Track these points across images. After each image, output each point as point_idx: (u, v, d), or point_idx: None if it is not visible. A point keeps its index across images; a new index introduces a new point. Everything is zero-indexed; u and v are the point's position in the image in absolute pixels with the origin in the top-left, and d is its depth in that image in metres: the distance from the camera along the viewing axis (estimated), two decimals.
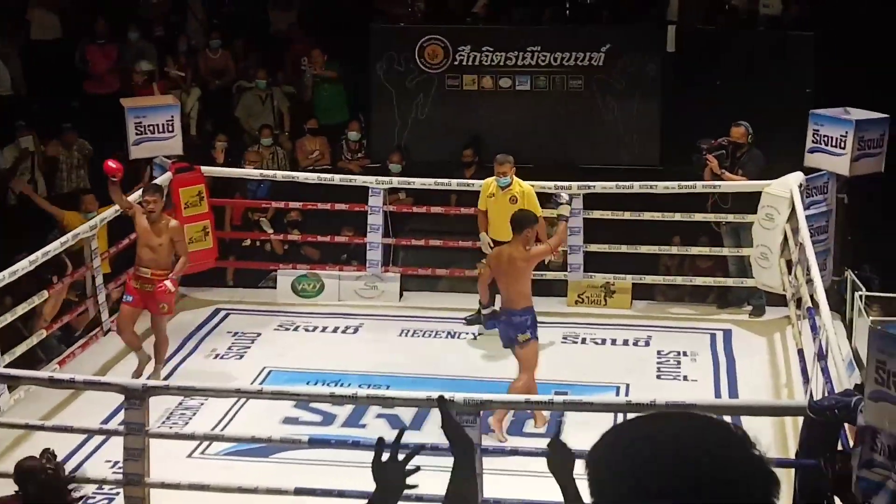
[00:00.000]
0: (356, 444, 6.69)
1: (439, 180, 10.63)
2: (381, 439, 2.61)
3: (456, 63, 12.89)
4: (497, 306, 8.40)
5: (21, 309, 8.75)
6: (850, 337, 9.36)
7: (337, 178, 10.92)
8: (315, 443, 6.82)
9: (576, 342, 9.88)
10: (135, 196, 9.56)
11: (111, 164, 8.85)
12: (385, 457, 2.57)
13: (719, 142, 10.43)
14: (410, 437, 7.60)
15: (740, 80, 12.41)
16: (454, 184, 10.78)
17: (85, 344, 9.60)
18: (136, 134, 10.79)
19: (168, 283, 8.76)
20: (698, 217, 10.53)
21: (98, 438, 7.60)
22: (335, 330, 10.16)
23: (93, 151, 12.28)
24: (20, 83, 13.49)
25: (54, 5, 14.00)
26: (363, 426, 8.14)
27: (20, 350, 8.64)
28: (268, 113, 13.46)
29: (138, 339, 9.02)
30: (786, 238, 9.79)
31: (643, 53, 12.76)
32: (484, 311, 8.64)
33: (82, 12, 14.05)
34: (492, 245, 9.27)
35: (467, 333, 10.02)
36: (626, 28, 13.15)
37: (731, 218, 10.39)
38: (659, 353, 9.59)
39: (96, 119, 12.55)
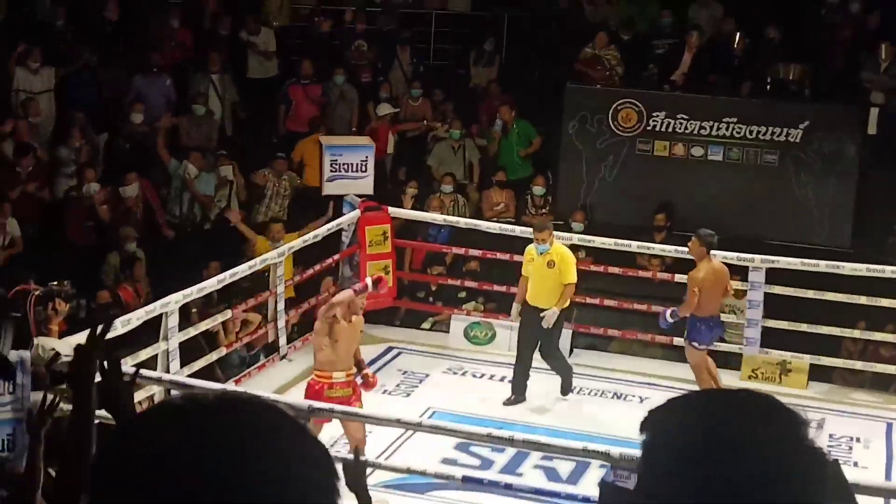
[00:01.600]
0: (508, 487, 6.72)
1: (619, 241, 10.64)
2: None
3: (649, 128, 12.89)
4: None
5: (204, 325, 9.12)
6: None
7: (518, 230, 11.03)
8: (468, 481, 6.87)
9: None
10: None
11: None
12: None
13: None
14: (567, 489, 7.63)
15: None
16: (634, 245, 10.77)
17: (262, 366, 9.93)
18: (331, 171, 11.19)
19: None
20: (885, 303, 10.22)
21: None
22: (502, 379, 10.22)
23: (302, 182, 12.70)
24: (227, 116, 14.10)
25: (269, 52, 14.63)
26: (520, 475, 8.16)
27: (199, 365, 9.00)
28: (458, 163, 13.72)
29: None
30: None
31: (843, 133, 12.50)
32: None
33: (293, 54, 14.64)
34: (521, 314, 9.81)
35: (634, 396, 9.95)
36: (826, 106, 12.92)
37: None
38: (831, 436, 9.31)
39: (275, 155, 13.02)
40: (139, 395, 8.09)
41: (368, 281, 8.54)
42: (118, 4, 13.87)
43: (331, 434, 7.90)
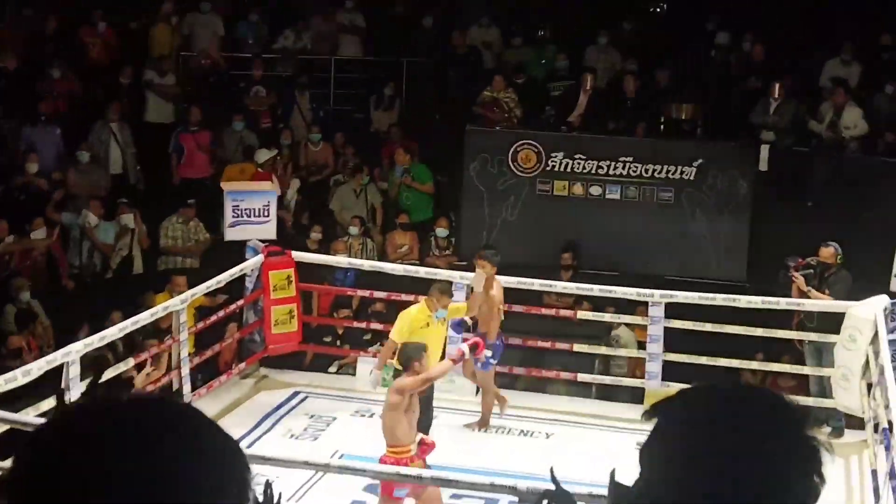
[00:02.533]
0: None
1: (522, 279, 10.76)
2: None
3: (548, 168, 13.11)
4: None
5: (109, 374, 9.00)
6: None
7: (422, 272, 11.11)
8: None
9: (639, 448, 9.80)
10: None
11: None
12: None
13: (807, 261, 10.43)
14: None
15: (830, 201, 12.41)
16: (537, 284, 10.90)
17: None
18: (234, 216, 11.16)
19: None
20: (781, 334, 10.48)
21: None
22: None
23: (209, 240, 12.72)
24: (130, 163, 14.02)
25: (169, 93, 14.61)
26: None
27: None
28: (361, 206, 13.79)
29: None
30: (867, 361, 9.70)
31: (735, 170, 12.85)
32: None
33: (188, 100, 14.63)
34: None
35: (540, 433, 10.05)
36: (718, 144, 13.28)
37: (813, 337, 10.34)
38: None
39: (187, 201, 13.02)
40: None
41: (465, 347, 8.44)
42: (15, 54, 13.75)
43: None
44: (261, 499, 2.57)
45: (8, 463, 1.27)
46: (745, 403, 1.54)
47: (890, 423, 8.08)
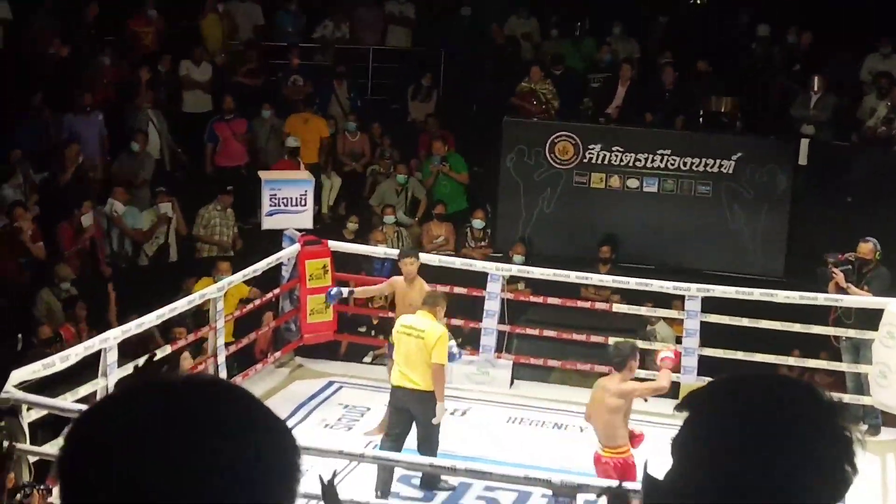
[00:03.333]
0: None
1: (558, 272, 10.74)
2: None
3: (585, 161, 13.06)
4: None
5: (143, 359, 9.05)
6: None
7: (458, 263, 11.10)
8: None
9: (672, 441, 9.76)
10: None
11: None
12: None
13: (846, 256, 10.34)
14: None
15: (870, 197, 12.30)
16: (573, 276, 10.87)
17: None
18: (271, 205, 11.20)
19: None
20: (817, 330, 10.40)
21: None
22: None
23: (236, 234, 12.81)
24: (166, 153, 14.09)
25: (207, 85, 14.67)
26: None
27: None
28: (401, 205, 13.79)
29: None
30: None
31: (774, 164, 12.75)
32: None
33: (222, 91, 14.68)
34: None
35: (574, 426, 10.02)
36: (758, 138, 13.18)
37: (851, 333, 10.25)
38: None
39: (224, 189, 13.09)
40: None
41: (670, 354, 8.43)
42: (63, 43, 13.86)
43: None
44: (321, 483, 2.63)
45: (59, 441, 1.27)
46: (775, 393, 1.53)
47: None
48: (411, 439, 8.52)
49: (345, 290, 10.30)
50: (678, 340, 11.06)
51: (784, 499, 1.46)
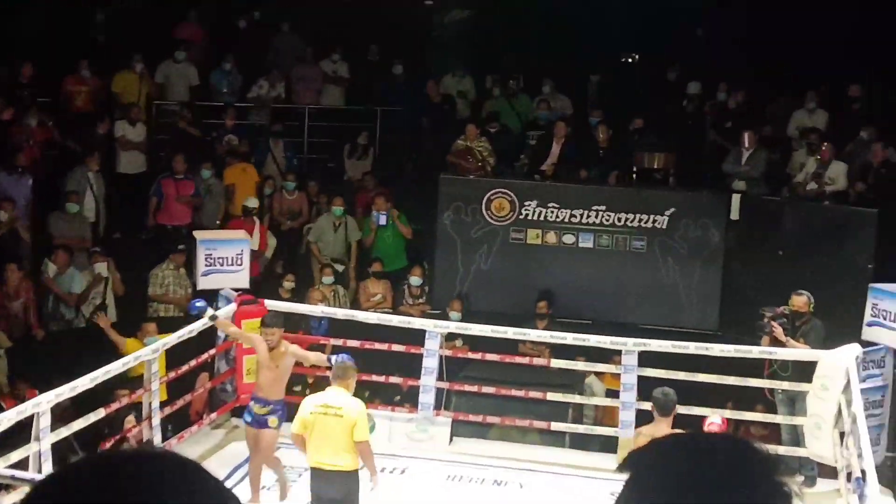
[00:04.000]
0: None
1: (496, 328, 10.75)
2: None
3: (521, 217, 13.17)
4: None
5: (77, 425, 8.93)
6: None
7: (395, 320, 11.09)
8: None
9: (615, 500, 9.78)
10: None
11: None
12: None
13: (782, 310, 10.46)
14: None
15: (801, 250, 12.50)
16: (510, 332, 10.89)
17: None
18: (207, 265, 11.12)
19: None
20: (753, 382, 10.49)
21: None
22: (382, 470, 10.14)
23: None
24: (103, 213, 13.99)
25: (141, 145, 14.63)
26: None
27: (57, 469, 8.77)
28: (339, 241, 13.80)
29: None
30: (840, 410, 9.71)
31: (707, 219, 12.94)
32: None
33: (162, 150, 14.64)
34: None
35: (515, 482, 10.00)
36: (691, 193, 13.36)
37: (786, 385, 10.35)
38: None
39: (165, 247, 13.01)
40: (9, 499, 7.88)
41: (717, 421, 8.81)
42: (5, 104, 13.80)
43: None
44: None
45: None
46: (715, 451, 1.54)
47: (863, 471, 8.09)
48: None
49: (210, 310, 9.80)
50: (608, 394, 11.15)
51: None
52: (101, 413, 9.29)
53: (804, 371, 10.09)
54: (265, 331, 9.32)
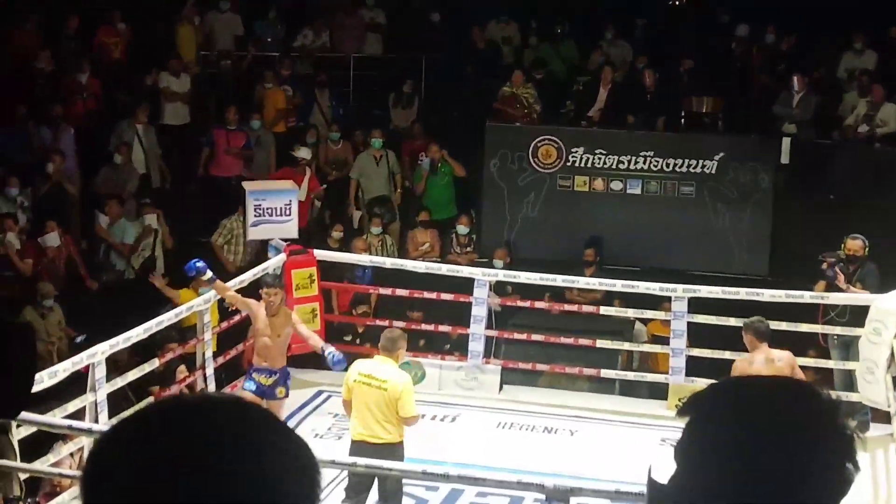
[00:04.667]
0: None
1: (544, 275, 10.74)
2: None
3: (568, 164, 13.10)
4: None
5: (132, 375, 9.03)
6: None
7: (444, 269, 11.11)
8: None
9: (674, 445, 9.80)
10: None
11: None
12: None
13: (837, 254, 10.37)
14: None
15: (852, 194, 12.35)
16: (559, 280, 10.88)
17: None
18: (255, 216, 11.17)
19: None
20: (805, 327, 10.43)
21: None
22: (433, 418, 10.23)
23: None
24: (152, 166, 14.05)
25: (185, 96, 14.66)
26: None
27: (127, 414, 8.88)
28: (382, 174, 13.81)
29: None
30: (893, 354, 9.64)
31: (756, 163, 12.81)
32: None
33: (209, 101, 14.66)
34: None
35: (564, 429, 10.03)
36: (740, 138, 13.22)
37: (838, 331, 10.28)
38: None
39: (214, 199, 13.05)
40: (66, 449, 8.01)
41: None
42: (51, 56, 13.83)
43: None
44: None
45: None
46: (776, 394, 1.54)
47: None
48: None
49: (209, 273, 9.15)
50: (655, 340, 11.12)
51: (789, 499, 1.47)
52: (155, 363, 9.40)
53: (860, 316, 10.01)
54: (265, 291, 8.97)
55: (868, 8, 14.55)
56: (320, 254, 11.21)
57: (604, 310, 11.02)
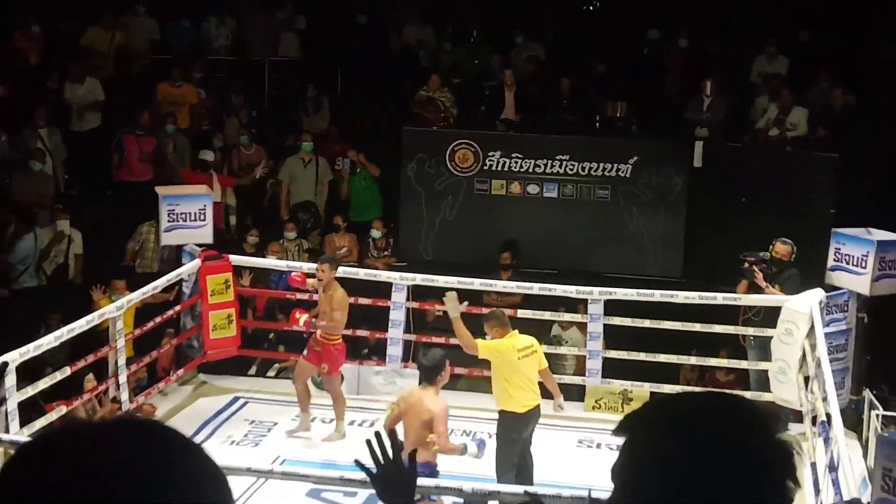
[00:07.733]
0: None
1: (462, 279, 10.75)
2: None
3: (486, 168, 13.13)
4: None
5: (43, 383, 8.86)
6: (865, 456, 9.31)
7: (362, 273, 11.07)
8: None
9: (591, 447, 9.89)
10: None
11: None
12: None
13: (761, 255, 10.53)
14: None
15: (764, 196, 12.55)
16: (477, 283, 10.90)
17: None
18: (169, 221, 11.02)
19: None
20: (718, 329, 10.58)
21: None
22: (351, 423, 10.20)
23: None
24: (59, 170, 13.80)
25: (95, 102, 14.42)
26: None
27: (39, 424, 8.72)
28: (310, 178, 13.72)
29: (308, 397, 9.87)
30: (804, 354, 9.82)
31: (670, 167, 12.96)
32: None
33: (122, 104, 14.43)
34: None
35: (483, 432, 10.03)
36: (653, 142, 13.37)
37: (752, 332, 10.44)
38: None
39: (127, 206, 12.87)
40: None
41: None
42: None
43: None
44: None
45: None
46: (715, 412, 1.54)
47: (828, 415, 8.18)
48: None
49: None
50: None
51: None
52: (66, 371, 9.23)
53: (775, 317, 10.18)
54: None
55: (780, 12, 14.83)
56: (235, 259, 11.11)
57: (521, 313, 11.06)
